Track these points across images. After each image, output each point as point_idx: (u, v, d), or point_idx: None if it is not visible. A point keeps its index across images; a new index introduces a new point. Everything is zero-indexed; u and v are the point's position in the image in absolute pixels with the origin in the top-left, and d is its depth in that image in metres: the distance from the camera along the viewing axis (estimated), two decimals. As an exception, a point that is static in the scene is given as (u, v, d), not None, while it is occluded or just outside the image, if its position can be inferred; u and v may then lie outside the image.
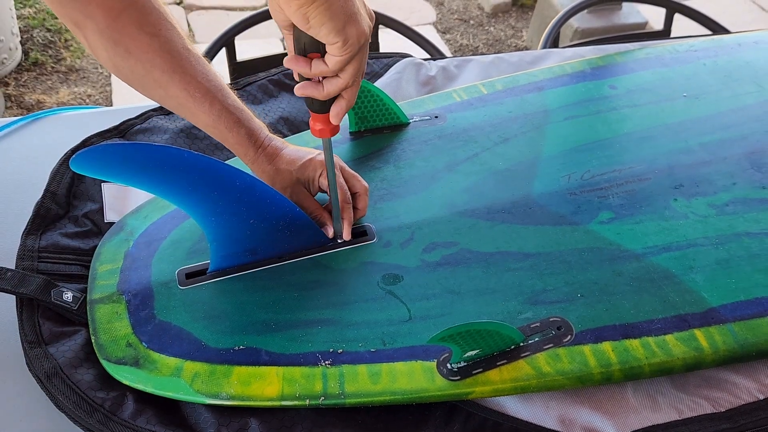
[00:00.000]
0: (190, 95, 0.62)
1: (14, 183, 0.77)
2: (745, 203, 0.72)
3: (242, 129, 0.64)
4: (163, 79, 0.61)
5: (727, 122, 0.84)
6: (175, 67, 0.61)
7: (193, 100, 0.62)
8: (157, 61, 0.60)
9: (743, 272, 0.65)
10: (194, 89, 0.62)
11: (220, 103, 0.63)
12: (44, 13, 2.37)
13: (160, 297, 0.62)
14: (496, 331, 0.55)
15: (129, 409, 0.55)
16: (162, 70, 0.61)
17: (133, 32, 0.59)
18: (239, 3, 2.55)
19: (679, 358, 0.58)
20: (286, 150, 0.67)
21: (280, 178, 0.66)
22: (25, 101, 2.05)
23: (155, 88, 0.62)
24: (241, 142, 0.65)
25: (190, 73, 0.61)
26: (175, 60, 0.61)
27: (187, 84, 0.61)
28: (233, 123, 0.64)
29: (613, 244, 0.67)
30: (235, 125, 0.64)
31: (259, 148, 0.66)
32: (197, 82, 0.62)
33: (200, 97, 0.62)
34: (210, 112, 0.63)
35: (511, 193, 0.73)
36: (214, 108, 0.62)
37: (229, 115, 0.63)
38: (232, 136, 0.64)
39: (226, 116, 0.63)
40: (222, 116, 0.63)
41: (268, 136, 0.67)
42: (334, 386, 0.56)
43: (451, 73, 0.97)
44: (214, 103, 0.62)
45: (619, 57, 0.96)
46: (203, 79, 0.62)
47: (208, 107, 0.62)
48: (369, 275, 0.64)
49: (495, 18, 2.67)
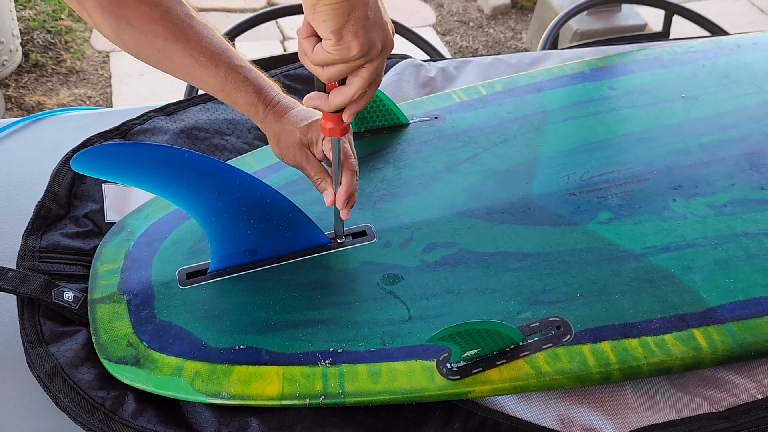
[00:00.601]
0: (195, 60, 0.62)
1: (15, 183, 0.77)
2: (743, 204, 0.73)
3: (250, 87, 0.64)
4: (167, 47, 0.61)
5: (725, 123, 0.84)
6: (177, 34, 0.61)
7: (199, 64, 0.62)
8: (159, 31, 0.60)
9: (742, 272, 0.65)
10: (199, 54, 0.62)
11: (225, 65, 0.62)
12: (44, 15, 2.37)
13: (160, 297, 0.63)
14: (496, 331, 0.55)
15: (130, 409, 0.55)
16: (165, 39, 0.61)
17: (133, 4, 0.60)
18: (239, 5, 2.55)
19: (678, 358, 0.58)
20: (295, 109, 0.66)
21: (285, 137, 0.65)
22: (26, 103, 2.05)
23: (161, 58, 0.63)
24: (250, 100, 0.64)
25: (193, 38, 0.61)
26: (177, 27, 0.61)
27: (192, 49, 0.61)
28: (240, 82, 0.63)
29: (612, 245, 0.67)
30: (243, 84, 0.63)
31: (267, 106, 0.65)
32: (201, 47, 0.62)
33: (205, 61, 0.62)
34: (216, 75, 0.62)
35: (511, 194, 0.73)
36: (220, 70, 0.62)
37: (236, 75, 0.63)
38: (240, 95, 0.64)
39: (232, 76, 0.63)
40: (229, 77, 0.63)
41: (278, 95, 0.66)
42: (334, 386, 0.56)
43: (450, 74, 0.98)
44: (220, 64, 0.62)
45: (618, 58, 0.97)
46: (207, 43, 0.62)
47: (214, 70, 0.62)
48: (369, 275, 0.64)
49: (494, 20, 2.68)
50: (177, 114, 0.84)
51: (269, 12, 1.17)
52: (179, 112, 0.84)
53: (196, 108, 0.85)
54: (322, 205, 0.71)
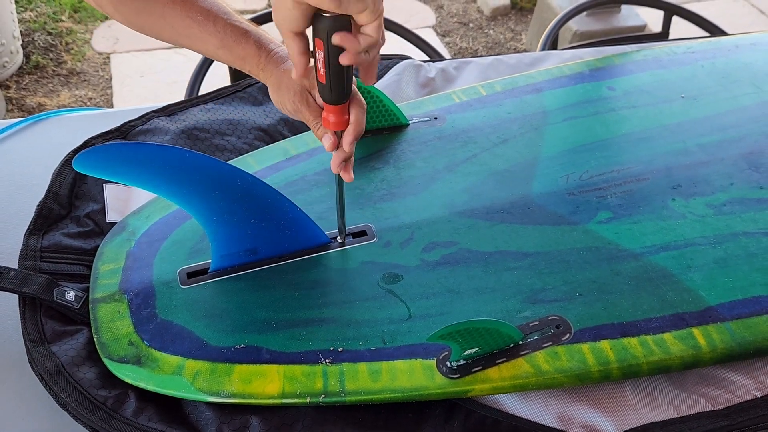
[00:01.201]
0: (194, 20, 0.63)
1: (17, 183, 0.77)
2: (742, 203, 0.73)
3: (250, 39, 0.64)
4: (165, 11, 0.63)
5: (724, 123, 0.84)
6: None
7: (197, 24, 0.63)
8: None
9: (741, 271, 0.65)
10: (197, 13, 0.63)
11: (223, 21, 0.63)
12: (45, 17, 2.38)
13: (161, 296, 0.63)
14: (496, 330, 0.56)
15: (131, 407, 0.56)
16: (162, 4, 0.62)
17: None
18: (240, 6, 2.56)
19: (677, 357, 0.58)
20: None
21: (286, 81, 0.64)
22: (27, 104, 2.06)
23: (160, 24, 0.64)
24: (251, 52, 0.64)
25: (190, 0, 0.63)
26: None
27: (189, 10, 0.63)
28: (240, 35, 0.64)
29: (612, 244, 0.68)
30: (242, 36, 0.64)
31: (269, 54, 0.65)
32: (198, 7, 0.63)
33: (203, 20, 0.63)
34: (215, 32, 0.63)
35: (510, 194, 0.73)
36: (218, 26, 0.63)
37: (235, 29, 0.64)
38: (241, 48, 0.64)
39: (231, 30, 0.63)
40: (228, 32, 0.63)
41: (278, 46, 0.66)
42: (334, 384, 0.56)
43: (450, 74, 0.98)
44: (218, 21, 0.63)
45: (617, 59, 0.97)
46: (204, 2, 0.63)
47: (212, 27, 0.63)
48: (369, 275, 0.65)
49: (494, 21, 2.68)
50: (177, 114, 0.84)
51: (269, 13, 1.17)
52: (180, 112, 0.85)
53: (196, 108, 0.85)
54: (322, 204, 0.71)
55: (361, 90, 0.79)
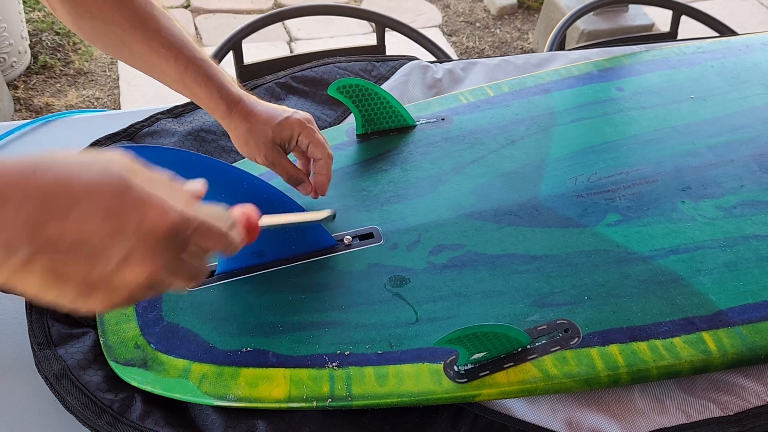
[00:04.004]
0: (154, 50, 0.61)
1: (23, 185, 0.77)
2: (753, 205, 0.72)
3: (210, 82, 0.62)
4: (126, 36, 0.60)
5: (734, 124, 0.83)
6: (136, 24, 0.60)
7: (158, 55, 0.61)
8: (118, 19, 0.59)
9: (751, 275, 0.65)
10: (158, 44, 0.60)
11: (185, 57, 0.61)
12: (53, 17, 2.38)
13: (167, 299, 0.63)
14: (503, 334, 0.55)
15: (137, 411, 0.56)
16: (123, 28, 0.60)
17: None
18: (246, 6, 2.56)
19: (687, 361, 0.58)
20: (259, 107, 0.64)
21: (255, 137, 0.64)
22: (34, 104, 2.07)
23: (120, 47, 0.62)
24: (211, 96, 0.63)
25: (153, 28, 0.60)
26: (137, 16, 0.60)
27: (150, 39, 0.60)
28: (200, 76, 0.62)
29: (621, 247, 0.67)
30: (203, 78, 0.62)
31: (230, 103, 0.63)
32: (161, 37, 0.60)
33: (164, 52, 0.61)
34: (176, 67, 0.61)
35: (518, 196, 0.73)
36: (180, 62, 0.61)
37: (196, 69, 0.62)
38: (200, 90, 0.62)
39: (192, 70, 0.61)
40: (188, 70, 0.61)
41: (239, 92, 0.64)
42: (341, 388, 0.56)
43: (457, 75, 0.97)
44: (180, 56, 0.61)
45: (625, 59, 0.96)
46: (167, 33, 0.61)
47: (173, 62, 0.61)
48: (376, 277, 0.64)
49: (501, 20, 2.67)
50: (184, 116, 0.84)
51: (276, 13, 1.17)
52: (187, 114, 0.84)
53: (203, 110, 0.85)
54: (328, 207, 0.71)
55: (369, 91, 0.78)
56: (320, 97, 0.90)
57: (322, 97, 0.90)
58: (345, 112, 0.89)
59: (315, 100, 0.90)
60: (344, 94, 0.78)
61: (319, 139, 0.65)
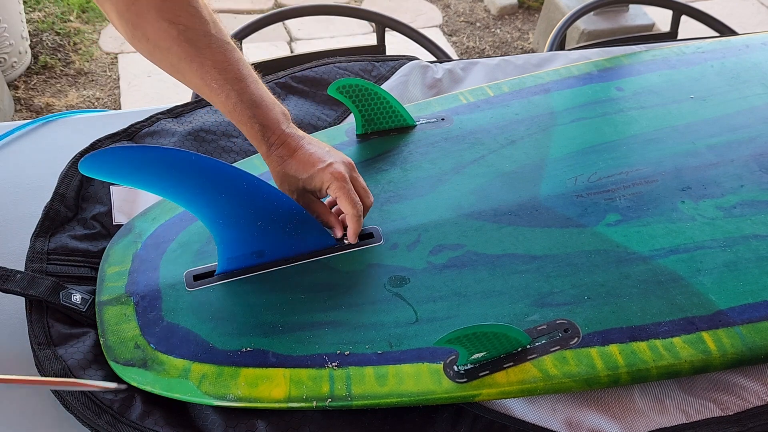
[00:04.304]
0: (206, 84, 0.62)
1: (24, 185, 0.77)
2: (753, 205, 0.72)
3: (255, 125, 0.64)
4: (180, 65, 0.61)
5: (734, 124, 0.83)
6: (192, 55, 0.60)
7: (210, 90, 0.62)
8: (175, 49, 0.60)
9: (751, 275, 0.65)
10: (211, 79, 0.62)
11: (236, 96, 0.62)
12: (53, 17, 2.38)
13: (167, 299, 0.63)
14: (503, 334, 0.55)
15: (137, 411, 0.56)
16: (179, 58, 0.61)
17: (151, 18, 0.59)
18: (247, 6, 2.56)
19: (687, 361, 0.58)
20: (300, 151, 0.65)
21: (288, 182, 0.66)
22: (35, 104, 2.07)
23: (173, 72, 0.63)
24: (254, 136, 0.65)
25: (208, 63, 0.61)
26: (194, 49, 0.60)
27: (204, 74, 0.61)
28: (247, 118, 0.63)
29: (620, 247, 0.67)
30: (249, 120, 0.63)
31: (272, 146, 0.65)
32: (214, 73, 0.61)
33: (216, 88, 0.62)
34: (225, 103, 0.63)
35: (518, 195, 0.73)
36: (229, 100, 0.63)
37: (244, 110, 0.63)
38: (245, 129, 0.64)
39: (240, 110, 0.63)
40: (236, 109, 0.63)
41: (283, 133, 0.65)
42: (340, 388, 0.56)
43: (457, 75, 0.97)
44: (230, 95, 0.62)
45: (625, 59, 0.96)
46: (221, 69, 0.61)
47: (224, 98, 0.62)
48: (376, 277, 0.64)
49: (501, 20, 2.67)
50: (184, 116, 0.84)
51: (277, 13, 1.17)
52: (186, 114, 0.85)
53: (203, 110, 0.85)
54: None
55: (369, 91, 0.78)
56: (320, 97, 0.90)
57: (322, 97, 0.90)
58: (345, 112, 0.89)
59: (315, 100, 0.90)
60: (344, 94, 0.78)
61: (348, 196, 0.65)
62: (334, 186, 0.64)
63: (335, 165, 0.65)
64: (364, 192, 0.68)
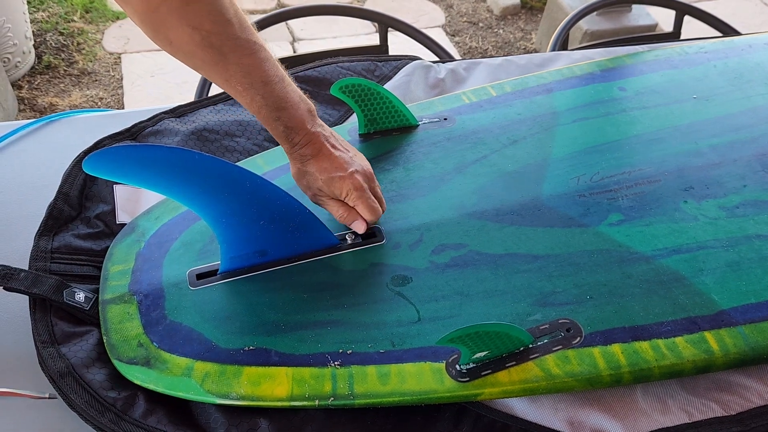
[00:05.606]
0: (231, 87, 0.63)
1: (28, 185, 0.78)
2: (755, 205, 0.72)
3: (280, 126, 0.64)
4: (204, 69, 0.62)
5: (737, 124, 0.83)
6: (216, 60, 0.60)
7: (235, 92, 0.63)
8: (198, 54, 0.60)
9: (754, 275, 0.65)
10: (236, 83, 0.62)
11: (261, 99, 0.63)
12: (57, 17, 2.39)
13: (170, 298, 0.63)
14: (505, 333, 0.55)
15: (140, 409, 0.56)
16: (203, 62, 0.61)
17: (173, 23, 0.58)
18: (249, 6, 2.56)
19: (689, 361, 0.58)
20: (323, 153, 0.66)
21: (306, 180, 0.67)
22: (38, 104, 2.07)
23: (197, 71, 0.64)
24: (279, 136, 0.66)
25: (232, 67, 0.61)
26: (217, 54, 0.60)
27: (229, 77, 0.62)
28: (271, 119, 0.64)
29: (623, 246, 0.67)
30: (274, 122, 0.64)
31: (295, 146, 0.66)
32: (239, 77, 0.61)
33: (242, 91, 0.62)
34: (251, 106, 0.63)
35: (520, 195, 0.73)
36: (254, 103, 0.63)
37: (269, 112, 0.64)
38: (271, 129, 0.65)
39: (265, 112, 0.64)
40: (262, 112, 0.64)
41: (308, 133, 0.66)
42: (343, 387, 0.56)
43: (459, 75, 0.98)
44: (255, 98, 0.63)
45: (628, 59, 0.96)
46: (245, 72, 0.61)
47: (249, 101, 0.63)
48: (378, 277, 0.64)
49: (504, 20, 2.67)
50: (187, 116, 0.84)
51: (279, 13, 1.17)
52: (190, 113, 0.85)
53: (206, 110, 0.85)
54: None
55: (372, 91, 0.79)
56: (323, 97, 0.90)
57: (325, 96, 0.90)
58: (348, 111, 0.89)
59: (318, 99, 0.90)
60: (347, 94, 0.78)
61: (367, 203, 0.66)
62: (353, 195, 0.66)
63: (356, 176, 0.66)
64: (380, 201, 0.70)
